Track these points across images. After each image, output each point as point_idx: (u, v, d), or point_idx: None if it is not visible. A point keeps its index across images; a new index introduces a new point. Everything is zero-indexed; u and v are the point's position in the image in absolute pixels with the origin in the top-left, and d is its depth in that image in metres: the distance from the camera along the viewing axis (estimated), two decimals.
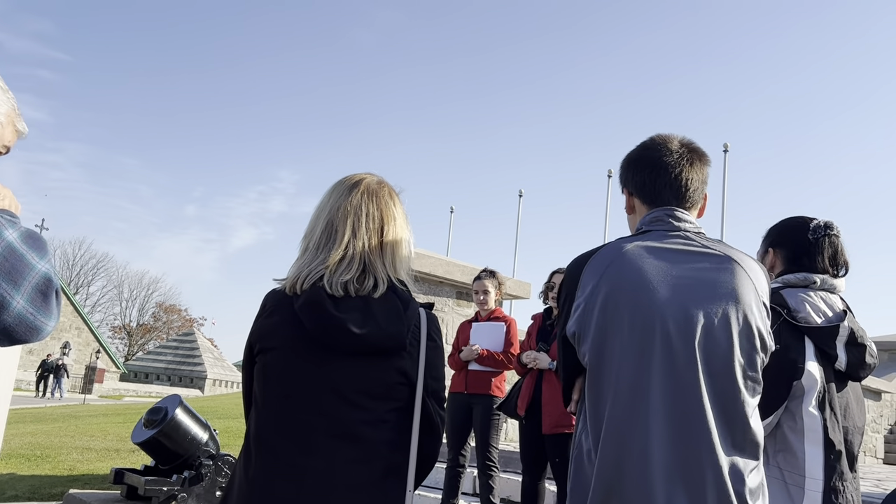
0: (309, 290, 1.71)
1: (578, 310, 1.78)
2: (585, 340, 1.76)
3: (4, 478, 7.47)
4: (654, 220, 1.91)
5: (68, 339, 45.80)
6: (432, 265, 8.09)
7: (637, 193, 1.98)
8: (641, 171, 1.96)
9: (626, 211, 2.04)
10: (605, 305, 1.73)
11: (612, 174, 17.23)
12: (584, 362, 1.77)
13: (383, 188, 1.88)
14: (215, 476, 5.41)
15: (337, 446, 1.65)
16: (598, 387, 1.72)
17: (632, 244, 1.82)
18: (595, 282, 1.77)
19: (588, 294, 1.77)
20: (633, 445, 1.63)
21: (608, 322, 1.72)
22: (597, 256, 1.82)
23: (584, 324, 1.76)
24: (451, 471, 5.67)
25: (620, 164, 2.04)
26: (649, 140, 2.00)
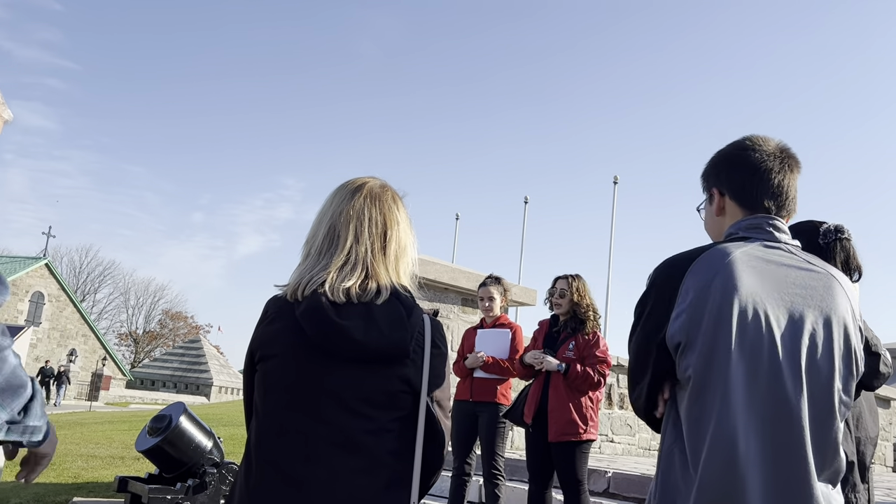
0: (310, 296, 1.68)
1: (681, 318, 1.65)
2: (692, 352, 1.63)
3: (9, 486, 7.45)
4: (752, 227, 1.80)
5: (74, 347, 45.88)
6: (438, 272, 8.06)
7: (733, 196, 1.86)
8: (740, 173, 1.84)
9: (715, 213, 1.91)
10: (717, 317, 1.61)
11: (617, 181, 17.22)
12: (686, 374, 1.64)
13: (386, 192, 1.85)
14: (219, 484, 5.38)
15: (339, 455, 1.62)
16: (703, 402, 1.61)
17: (737, 251, 1.70)
18: (701, 290, 1.65)
19: (693, 302, 1.65)
20: (737, 466, 1.55)
21: (718, 334, 1.61)
22: (701, 262, 1.69)
23: (692, 334, 1.63)
24: (456, 479, 5.63)
25: (710, 161, 1.93)
26: (747, 140, 1.88)
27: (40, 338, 43.93)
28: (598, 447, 9.98)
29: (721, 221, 1.89)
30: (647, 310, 1.75)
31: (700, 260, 1.69)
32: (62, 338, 45.99)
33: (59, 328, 45.88)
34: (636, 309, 1.78)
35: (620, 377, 10.60)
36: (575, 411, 4.79)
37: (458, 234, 20.43)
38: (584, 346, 4.92)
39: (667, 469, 1.67)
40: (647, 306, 1.76)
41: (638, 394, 1.79)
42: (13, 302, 42.73)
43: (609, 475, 6.39)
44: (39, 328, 43.87)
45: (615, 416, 10.49)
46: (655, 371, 1.72)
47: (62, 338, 45.99)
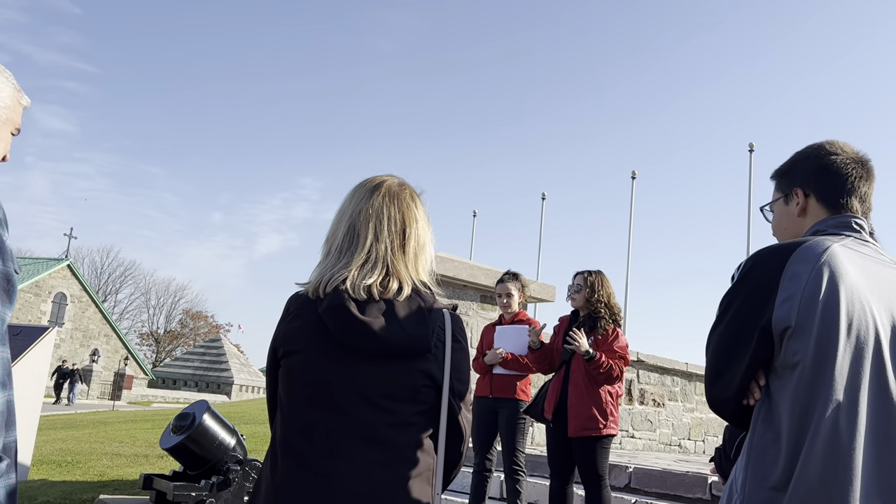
0: (332, 293, 1.70)
1: (789, 302, 1.63)
2: (802, 336, 1.60)
3: (36, 484, 7.56)
4: (842, 224, 1.82)
5: (97, 347, 46.36)
6: (456, 269, 8.07)
7: (821, 198, 1.88)
8: (828, 176, 1.88)
9: (796, 212, 1.92)
10: (826, 305, 1.60)
11: (636, 176, 17.12)
12: (793, 360, 1.61)
13: (404, 190, 1.87)
14: (243, 481, 5.43)
15: (362, 450, 1.64)
16: (811, 389, 1.59)
17: (836, 244, 1.70)
18: (808, 276, 1.63)
19: (801, 287, 1.62)
20: (841, 457, 1.54)
21: (829, 323, 1.60)
22: (804, 250, 1.68)
23: (801, 319, 1.61)
24: (477, 475, 5.65)
25: (793, 162, 1.96)
26: (833, 145, 1.92)
27: (63, 338, 44.42)
28: (618, 442, 9.96)
29: (801, 222, 1.91)
30: (741, 297, 1.72)
31: (803, 248, 1.69)
32: (85, 338, 46.48)
33: (81, 328, 46.37)
34: (725, 298, 1.76)
35: (641, 373, 10.56)
36: (595, 407, 4.79)
37: (476, 231, 20.40)
38: (604, 341, 4.92)
39: (758, 458, 1.64)
40: (740, 293, 1.72)
41: (727, 382, 1.71)
42: (36, 303, 43.24)
43: (630, 470, 6.38)
44: (62, 329, 44.36)
45: (636, 411, 10.46)
46: (755, 357, 1.67)
47: (85, 338, 46.48)
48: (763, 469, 1.62)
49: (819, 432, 1.55)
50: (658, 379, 10.89)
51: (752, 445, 1.67)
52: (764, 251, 1.76)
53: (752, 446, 1.67)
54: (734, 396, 1.72)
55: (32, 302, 42.97)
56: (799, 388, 1.60)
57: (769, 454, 1.62)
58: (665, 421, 10.99)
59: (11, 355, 5.43)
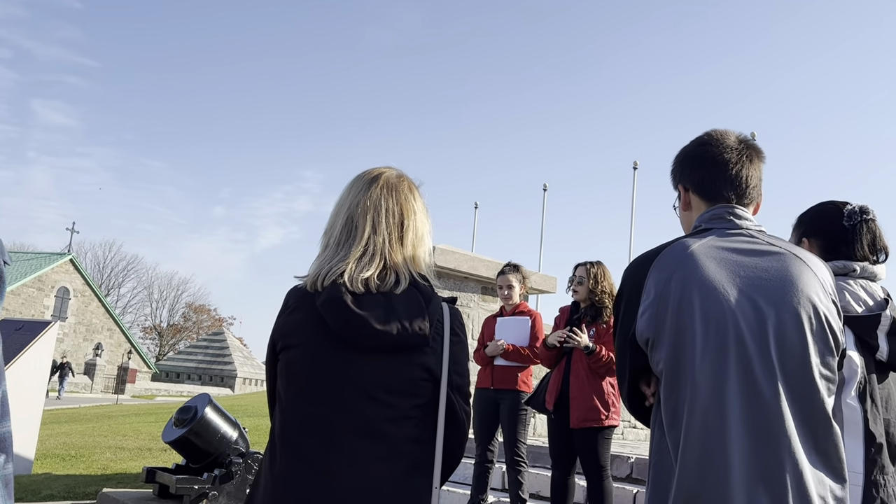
0: (330, 286, 1.70)
1: (646, 314, 1.71)
2: (660, 346, 1.68)
3: (40, 477, 7.59)
4: (714, 217, 1.86)
5: (100, 341, 46.45)
6: (457, 261, 8.07)
7: (695, 190, 1.93)
8: (700, 167, 1.92)
9: (682, 208, 1.98)
10: (678, 310, 1.66)
11: (637, 166, 17.09)
12: (658, 369, 1.70)
13: (403, 182, 1.86)
14: (245, 474, 5.44)
15: (360, 443, 1.64)
16: (676, 394, 1.65)
17: (696, 244, 1.75)
18: (663, 285, 1.70)
19: (656, 298, 1.70)
20: (713, 454, 1.57)
21: (682, 327, 1.65)
22: (661, 258, 1.76)
23: (658, 329, 1.68)
24: (479, 466, 5.66)
25: (675, 159, 2.00)
26: (706, 136, 1.95)
27: (66, 333, 44.51)
28: (620, 433, 9.97)
29: (689, 216, 1.96)
30: (620, 311, 1.82)
31: (662, 256, 1.76)
32: (88, 332, 46.57)
33: (84, 323, 46.46)
34: (613, 309, 1.86)
35: None
36: (597, 398, 4.80)
37: (478, 222, 20.40)
38: (605, 333, 4.92)
39: (658, 464, 1.70)
40: (620, 307, 1.83)
41: (624, 394, 1.85)
42: (39, 298, 43.32)
43: (632, 461, 6.39)
44: (65, 323, 44.45)
45: None
46: (632, 368, 1.78)
47: (88, 332, 46.57)
48: (663, 474, 1.68)
49: (690, 433, 1.59)
50: None
51: (651, 451, 1.74)
52: (635, 261, 1.84)
53: (652, 452, 1.74)
54: (629, 404, 1.85)
55: (35, 297, 43.05)
56: (667, 394, 1.67)
57: (666, 459, 1.67)
58: None
59: (14, 350, 5.50)
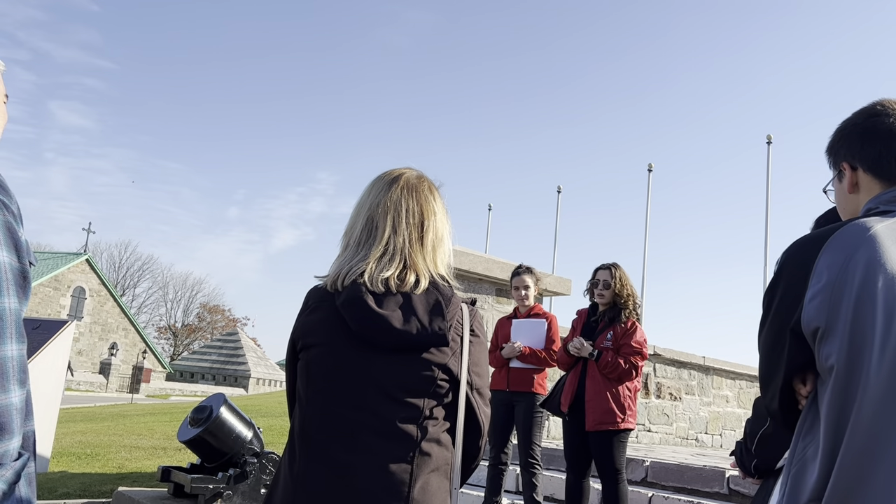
0: (350, 286, 1.70)
1: (816, 299, 1.47)
2: (832, 339, 1.45)
3: (56, 476, 7.64)
4: (894, 199, 1.60)
5: (115, 340, 46.74)
6: (471, 262, 8.06)
7: (870, 168, 1.66)
8: (876, 142, 1.65)
9: (848, 189, 1.72)
10: (859, 299, 1.44)
11: (652, 168, 17.03)
12: (827, 364, 1.46)
13: (423, 183, 1.86)
14: (260, 474, 5.46)
15: (380, 443, 1.64)
16: (845, 395, 1.42)
17: (880, 225, 1.50)
18: (839, 269, 1.47)
19: (830, 282, 1.46)
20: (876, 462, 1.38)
21: (862, 319, 1.43)
22: (837, 237, 1.51)
23: (831, 319, 1.45)
24: (493, 469, 5.65)
25: (837, 133, 1.75)
26: (878, 106, 1.69)
27: (82, 332, 44.83)
28: (635, 436, 9.93)
29: (855, 199, 1.71)
30: (777, 296, 1.58)
31: (837, 236, 1.52)
32: (103, 332, 46.88)
33: (100, 322, 46.78)
34: (764, 298, 1.61)
35: (657, 366, 10.52)
36: (612, 400, 4.78)
37: (492, 224, 20.39)
38: (622, 335, 4.90)
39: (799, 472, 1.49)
40: (776, 292, 1.58)
41: (772, 393, 1.59)
42: (55, 297, 43.66)
43: (647, 464, 6.36)
44: (81, 322, 44.76)
45: (652, 405, 10.42)
46: (790, 363, 1.54)
47: (103, 332, 46.88)
48: (801, 485, 1.48)
49: (853, 441, 1.40)
50: (675, 372, 10.84)
51: (793, 461, 1.52)
52: (798, 241, 1.60)
53: (793, 462, 1.52)
54: (779, 408, 1.59)
55: (52, 296, 43.39)
56: (834, 395, 1.45)
57: (808, 470, 1.48)
58: (682, 415, 10.94)
59: (31, 349, 5.54)
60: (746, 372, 12.14)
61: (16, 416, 1.19)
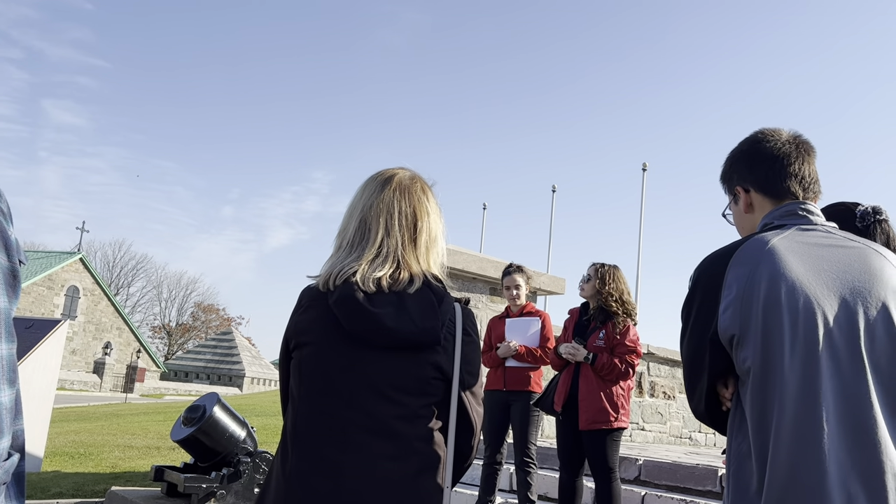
0: (342, 285, 1.70)
1: (729, 310, 1.63)
2: (746, 344, 1.61)
3: (49, 475, 7.62)
4: (787, 213, 1.79)
5: (109, 340, 46.62)
6: (466, 261, 8.07)
7: (759, 189, 1.86)
8: (762, 165, 1.86)
9: (743, 210, 1.91)
10: (765, 305, 1.59)
11: (646, 167, 17.06)
12: (744, 367, 1.62)
13: (416, 183, 1.86)
14: (253, 473, 5.46)
15: (372, 442, 1.64)
16: (765, 393, 1.58)
17: (776, 238, 1.68)
18: (745, 280, 1.63)
19: (740, 294, 1.62)
20: (807, 454, 1.52)
21: (771, 324, 1.58)
22: (741, 253, 1.68)
23: (744, 326, 1.61)
24: (487, 468, 5.65)
25: (728, 162, 1.95)
26: (759, 134, 1.91)
27: (76, 331, 44.70)
28: (628, 435, 9.95)
29: (752, 218, 1.89)
30: (694, 309, 1.73)
31: (740, 251, 1.68)
32: (97, 331, 46.75)
33: (94, 321, 46.64)
34: (683, 311, 1.76)
35: (651, 365, 10.54)
36: (605, 399, 4.79)
37: (486, 223, 20.40)
38: (615, 334, 4.91)
39: (738, 470, 1.63)
40: (693, 305, 1.73)
41: (698, 397, 1.73)
42: (49, 296, 43.52)
43: (640, 463, 6.37)
44: (75, 322, 44.63)
45: (646, 403, 10.44)
46: (712, 369, 1.68)
47: (97, 331, 46.75)
48: (744, 480, 1.61)
49: (780, 433, 1.53)
50: (668, 371, 10.86)
51: (730, 457, 1.67)
52: (708, 258, 1.76)
53: (731, 458, 1.67)
54: (705, 410, 1.74)
55: (45, 295, 43.25)
56: (754, 395, 1.60)
57: (746, 466, 1.61)
58: (675, 413, 10.97)
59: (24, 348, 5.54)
60: None
61: (5, 415, 1.19)
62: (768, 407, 1.57)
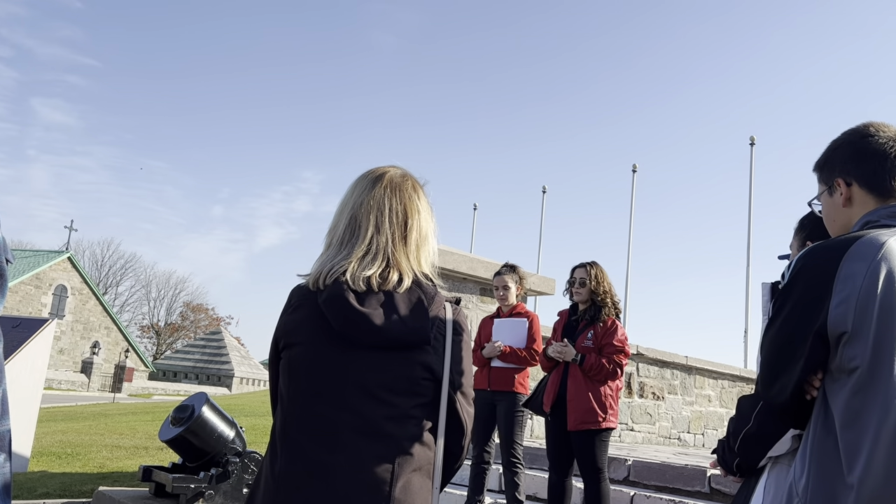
0: (332, 284, 1.70)
1: (844, 305, 1.56)
2: (858, 342, 1.55)
3: (36, 475, 7.57)
4: (893, 214, 1.72)
5: (97, 339, 46.38)
6: (456, 262, 8.07)
7: (865, 184, 1.79)
8: (870, 161, 1.78)
9: (841, 203, 1.83)
10: (882, 308, 1.53)
11: (636, 169, 17.12)
12: (850, 366, 1.56)
13: (407, 181, 1.86)
14: (242, 473, 5.44)
15: (361, 442, 1.63)
16: (867, 394, 1.53)
17: (891, 239, 1.61)
18: (864, 278, 1.56)
19: (857, 289, 1.56)
20: None
21: (885, 327, 1.53)
22: (858, 248, 1.61)
23: (857, 324, 1.54)
24: (476, 468, 5.66)
25: (830, 149, 1.88)
26: (869, 127, 1.83)
27: (64, 331, 44.44)
28: (617, 435, 9.97)
29: (848, 212, 1.83)
30: (793, 296, 1.66)
31: (858, 246, 1.61)
32: (85, 330, 46.50)
33: (82, 321, 46.39)
34: (778, 299, 1.70)
35: (640, 366, 10.57)
36: (594, 400, 4.80)
37: (477, 224, 20.43)
38: (603, 334, 4.92)
39: (822, 463, 1.58)
40: (793, 293, 1.67)
41: (782, 385, 1.66)
42: (37, 295, 43.26)
43: (629, 463, 6.39)
44: (63, 321, 44.38)
45: (635, 404, 10.47)
46: (810, 361, 1.62)
47: (85, 330, 46.50)
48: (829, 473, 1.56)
49: (880, 437, 1.49)
50: (658, 372, 10.90)
51: (814, 449, 1.61)
52: (816, 248, 1.69)
53: (814, 450, 1.61)
54: (790, 399, 1.67)
55: (33, 294, 42.98)
56: (855, 393, 1.54)
57: (831, 458, 1.56)
58: (664, 414, 11.00)
59: (12, 347, 5.52)
60: (729, 372, 12.23)
61: None
62: (869, 408, 1.52)
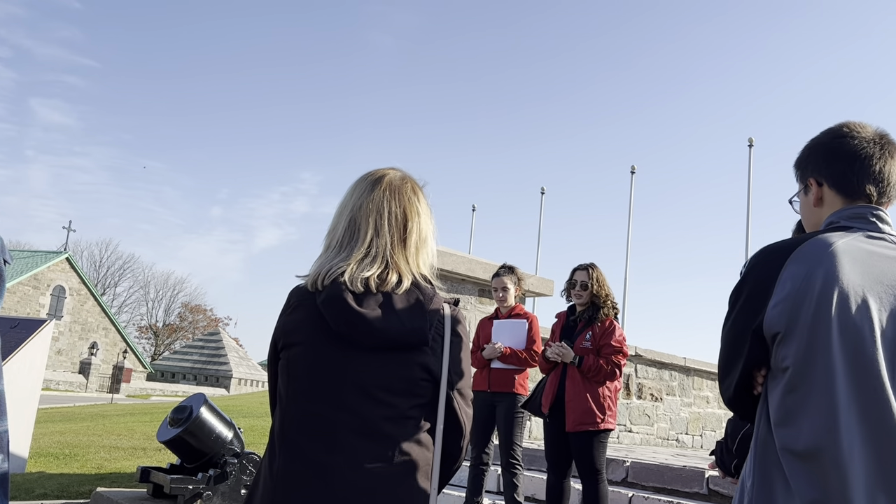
0: (330, 285, 1.70)
1: (779, 307, 1.61)
2: (790, 342, 1.59)
3: (34, 476, 7.56)
4: (856, 216, 1.74)
5: (96, 340, 46.32)
6: (454, 263, 8.07)
7: (833, 185, 1.80)
8: (839, 161, 1.79)
9: (813, 203, 1.85)
10: (817, 310, 1.57)
11: (635, 170, 17.13)
12: (782, 366, 1.60)
13: (406, 183, 1.86)
14: (240, 474, 5.43)
15: (360, 443, 1.64)
16: (796, 393, 1.58)
17: (840, 241, 1.64)
18: (801, 280, 1.59)
19: (794, 292, 1.59)
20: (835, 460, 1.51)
21: (818, 328, 1.56)
22: (802, 250, 1.64)
23: (791, 324, 1.59)
24: (474, 469, 5.66)
25: (806, 150, 1.88)
26: (843, 127, 1.83)
27: (62, 331, 44.40)
28: (616, 437, 9.98)
29: (819, 212, 1.84)
30: (742, 297, 1.71)
31: (801, 249, 1.64)
32: (83, 331, 46.44)
33: (80, 321, 46.34)
34: (731, 297, 1.74)
35: (639, 367, 10.57)
36: (592, 401, 4.80)
37: (475, 225, 20.42)
38: (601, 334, 4.92)
39: (763, 458, 1.63)
40: (742, 294, 1.71)
41: (728, 383, 1.74)
42: (35, 296, 43.21)
43: (627, 464, 6.39)
44: (61, 322, 44.33)
45: (633, 405, 10.48)
46: (749, 361, 1.68)
47: (83, 331, 46.44)
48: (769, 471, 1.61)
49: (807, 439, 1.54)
50: (656, 373, 10.90)
51: (757, 445, 1.66)
52: (766, 249, 1.72)
53: (755, 446, 1.66)
54: (734, 395, 1.74)
55: (31, 295, 42.94)
56: (787, 392, 1.59)
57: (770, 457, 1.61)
58: (663, 415, 11.01)
59: (10, 347, 5.52)
60: None
61: None
62: (797, 408, 1.57)
